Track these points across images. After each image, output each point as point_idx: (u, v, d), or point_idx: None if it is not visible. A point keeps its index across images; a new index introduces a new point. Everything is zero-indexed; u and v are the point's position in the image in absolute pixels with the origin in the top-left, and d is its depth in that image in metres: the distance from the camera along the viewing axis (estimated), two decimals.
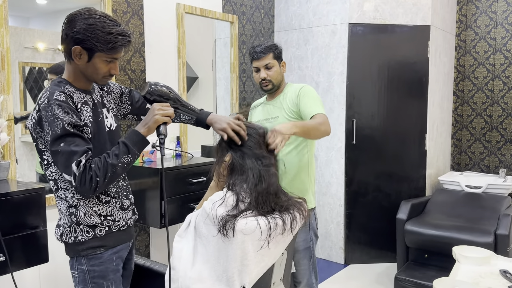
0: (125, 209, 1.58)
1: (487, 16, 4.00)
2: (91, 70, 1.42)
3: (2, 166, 2.10)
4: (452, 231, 2.84)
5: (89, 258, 1.47)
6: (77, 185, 1.33)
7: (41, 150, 1.43)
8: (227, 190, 1.59)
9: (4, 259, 1.78)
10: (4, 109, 2.16)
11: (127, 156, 1.38)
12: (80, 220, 1.46)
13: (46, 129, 1.34)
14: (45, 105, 1.35)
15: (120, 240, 1.55)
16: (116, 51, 1.40)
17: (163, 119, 1.43)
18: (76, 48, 1.37)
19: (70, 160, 1.31)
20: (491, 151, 4.04)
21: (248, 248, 1.51)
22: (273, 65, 2.07)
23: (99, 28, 1.36)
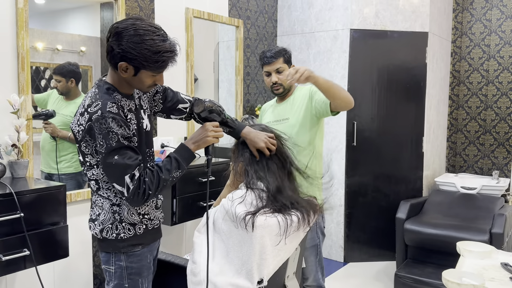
0: (158, 208, 1.66)
1: (481, 24, 4.15)
2: (136, 83, 1.45)
3: (21, 164, 2.17)
4: (450, 229, 2.97)
5: (128, 255, 1.53)
6: (130, 197, 1.39)
7: (85, 153, 1.47)
8: (246, 189, 1.68)
9: (29, 253, 1.85)
10: (24, 109, 2.22)
11: (177, 171, 1.47)
12: (123, 218, 1.51)
13: (100, 141, 1.38)
14: (98, 117, 1.37)
15: (154, 238, 1.63)
16: (164, 69, 1.42)
17: (214, 141, 1.54)
18: (122, 64, 1.39)
19: (124, 173, 1.37)
20: (484, 154, 4.19)
21: (267, 243, 1.60)
22: (284, 69, 2.14)
23: (147, 47, 1.34)
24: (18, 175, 2.17)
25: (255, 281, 1.57)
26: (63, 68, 2.45)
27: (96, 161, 1.47)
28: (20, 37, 2.20)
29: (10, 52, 2.19)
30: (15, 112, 2.12)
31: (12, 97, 2.11)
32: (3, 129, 2.16)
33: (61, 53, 2.42)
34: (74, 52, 2.49)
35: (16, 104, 2.12)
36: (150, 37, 1.36)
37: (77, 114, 1.46)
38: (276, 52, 2.14)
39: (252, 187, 1.67)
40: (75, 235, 2.41)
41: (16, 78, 2.22)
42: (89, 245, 2.57)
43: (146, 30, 1.37)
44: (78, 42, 2.51)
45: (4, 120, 2.16)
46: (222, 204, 1.68)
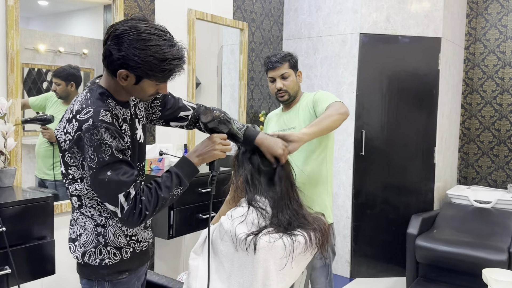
0: (147, 228, 1.50)
1: (496, 30, 3.98)
2: (136, 92, 1.29)
3: (8, 173, 2.03)
4: (464, 247, 2.79)
5: (113, 283, 1.36)
6: (124, 218, 1.22)
7: (68, 164, 1.30)
8: (248, 207, 1.52)
9: (11, 271, 1.70)
10: (12, 113, 2.08)
11: (177, 188, 1.31)
12: (109, 241, 1.34)
13: (90, 154, 1.20)
14: (89, 127, 1.19)
15: (141, 262, 1.45)
16: (170, 78, 1.25)
17: (221, 155, 1.39)
18: (122, 72, 1.21)
19: (118, 191, 1.20)
20: (498, 166, 4.01)
21: (270, 267, 1.45)
22: (289, 74, 2.01)
23: (152, 54, 1.18)
24: (4, 184, 2.02)
25: None
26: (63, 71, 2.37)
27: (81, 175, 1.30)
28: (9, 36, 2.06)
29: None
30: (2, 116, 1.98)
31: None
32: None
33: (63, 55, 2.37)
34: (77, 54, 2.44)
35: (4, 108, 1.97)
36: (155, 42, 1.18)
37: (63, 120, 1.28)
38: (281, 56, 2.00)
39: (254, 205, 1.51)
40: (65, 248, 2.25)
41: (4, 80, 2.08)
42: None
43: (151, 33, 1.19)
44: (80, 44, 2.46)
45: None
46: (221, 222, 1.54)
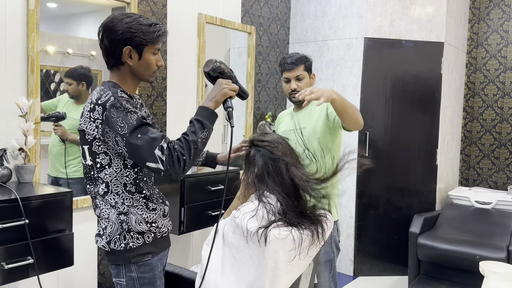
0: (166, 216, 1.61)
1: (498, 35, 4.07)
2: (143, 68, 1.46)
3: (28, 169, 2.12)
4: (465, 246, 2.87)
5: (139, 265, 1.47)
6: (167, 168, 1.33)
7: (96, 153, 1.43)
8: (258, 202, 1.61)
9: (32, 261, 1.79)
10: (32, 112, 2.18)
11: (202, 131, 1.40)
12: (131, 227, 1.46)
13: (119, 123, 1.34)
14: (112, 103, 1.36)
15: (163, 246, 1.56)
16: (161, 40, 1.46)
17: (231, 93, 1.48)
18: (126, 49, 1.42)
19: (152, 148, 1.32)
20: (499, 168, 4.08)
21: (280, 258, 1.53)
22: (304, 76, 2.08)
23: (139, 23, 1.42)
24: (25, 180, 2.12)
25: None
26: (74, 71, 2.44)
27: (109, 161, 1.43)
28: (30, 39, 2.16)
29: (19, 54, 2.15)
30: (23, 115, 2.08)
31: (20, 100, 2.06)
32: (10, 133, 2.11)
33: (72, 57, 2.42)
34: (85, 56, 2.48)
35: (25, 108, 2.07)
36: (136, 17, 1.44)
37: (85, 113, 1.43)
38: (297, 58, 2.08)
39: (264, 200, 1.60)
40: (80, 242, 2.36)
41: (25, 81, 2.17)
42: (94, 253, 2.51)
43: (129, 13, 1.45)
44: (88, 46, 2.50)
45: (12, 124, 2.12)
46: (232, 216, 1.62)
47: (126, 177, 1.46)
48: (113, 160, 1.43)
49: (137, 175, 1.48)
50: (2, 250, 1.72)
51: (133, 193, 1.48)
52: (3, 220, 1.72)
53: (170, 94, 2.91)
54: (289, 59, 2.07)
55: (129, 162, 1.45)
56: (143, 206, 1.49)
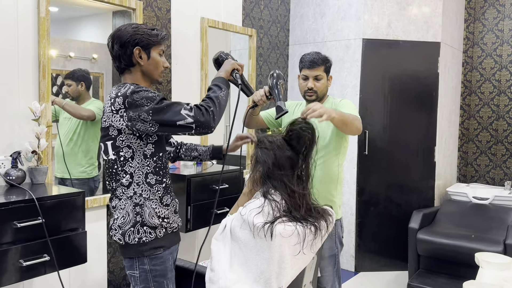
0: (176, 212, 1.70)
1: (493, 34, 4.15)
2: (152, 67, 1.60)
3: (41, 171, 2.20)
4: (463, 240, 2.96)
5: (151, 258, 1.56)
6: (197, 118, 1.45)
7: (120, 148, 1.53)
8: (264, 199, 1.69)
9: (49, 259, 1.88)
10: (44, 116, 2.26)
11: (221, 91, 1.56)
12: (145, 221, 1.55)
13: (145, 102, 1.46)
14: (133, 89, 1.49)
15: (173, 241, 1.65)
16: (164, 41, 1.63)
17: (237, 66, 1.69)
18: (136, 49, 1.56)
19: (179, 108, 1.46)
20: (496, 164, 4.17)
21: (285, 252, 1.61)
22: (322, 77, 2.11)
23: (143, 28, 1.58)
24: (38, 181, 2.20)
25: None
26: (73, 72, 2.50)
27: (132, 154, 1.53)
28: (41, 45, 2.25)
29: (31, 60, 2.23)
30: (36, 119, 2.16)
31: (33, 104, 2.15)
32: (23, 136, 2.20)
33: (74, 60, 2.46)
34: (86, 59, 2.52)
35: (37, 112, 2.16)
36: (140, 24, 1.63)
37: (106, 108, 1.54)
38: (320, 59, 2.10)
39: (269, 198, 1.68)
40: (90, 241, 2.44)
41: (37, 86, 2.26)
42: (104, 251, 2.59)
43: (132, 23, 1.63)
44: (90, 50, 2.54)
45: (25, 127, 2.20)
46: (239, 212, 1.70)
47: (147, 166, 1.56)
48: (136, 153, 1.54)
49: (156, 163, 1.59)
50: (20, 248, 1.80)
51: (152, 186, 1.58)
52: (20, 219, 1.80)
53: (175, 96, 2.99)
54: (312, 57, 2.08)
55: (148, 152, 1.56)
56: (157, 201, 1.59)
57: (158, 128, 1.48)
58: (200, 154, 1.96)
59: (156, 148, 1.59)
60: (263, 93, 1.96)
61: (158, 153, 1.60)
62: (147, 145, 1.56)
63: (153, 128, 1.48)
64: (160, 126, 1.48)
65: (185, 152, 1.96)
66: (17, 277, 1.81)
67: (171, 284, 1.62)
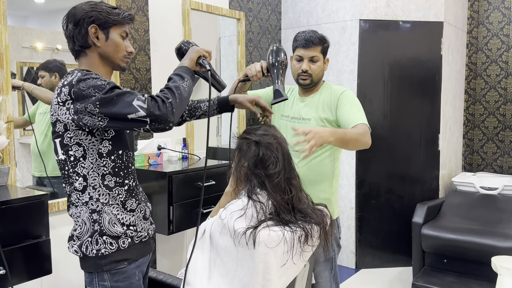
0: (147, 219, 1.47)
1: (499, 12, 3.89)
2: (112, 49, 1.38)
3: (1, 171, 1.98)
4: (471, 235, 2.73)
5: (112, 273, 1.35)
6: (151, 111, 1.21)
7: (68, 145, 1.32)
8: (248, 200, 1.47)
9: (4, 272, 1.66)
10: (3, 110, 2.03)
11: (183, 81, 1.33)
12: (104, 229, 1.34)
13: (92, 92, 1.23)
14: (79, 77, 1.27)
15: (141, 252, 1.43)
16: (127, 22, 1.41)
17: (204, 52, 1.45)
18: (92, 27, 1.35)
19: (130, 99, 1.22)
20: (504, 151, 3.93)
21: (271, 262, 1.39)
22: (319, 59, 1.88)
23: (103, 6, 1.38)
24: None
25: None
26: (47, 63, 2.36)
27: (83, 152, 1.31)
28: None
29: None
30: None
31: None
32: None
33: (61, 53, 2.35)
34: None
35: None
36: (98, 2, 1.41)
37: (54, 100, 1.33)
38: (317, 38, 1.86)
39: (254, 198, 1.46)
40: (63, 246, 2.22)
41: None
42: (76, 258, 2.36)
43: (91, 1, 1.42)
44: None
45: None
46: (219, 215, 1.49)
47: (104, 167, 1.34)
48: (88, 151, 1.32)
49: (115, 163, 1.36)
50: None
51: (112, 189, 1.36)
52: None
53: (155, 86, 2.75)
54: (308, 35, 1.85)
55: (104, 150, 1.34)
56: (119, 206, 1.37)
57: (107, 123, 1.25)
58: (205, 112, 1.66)
59: (113, 145, 1.36)
60: (259, 68, 1.69)
61: (117, 151, 1.37)
62: (101, 142, 1.33)
63: (101, 123, 1.25)
64: (110, 120, 1.24)
65: (189, 114, 1.67)
66: None
67: None
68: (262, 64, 1.71)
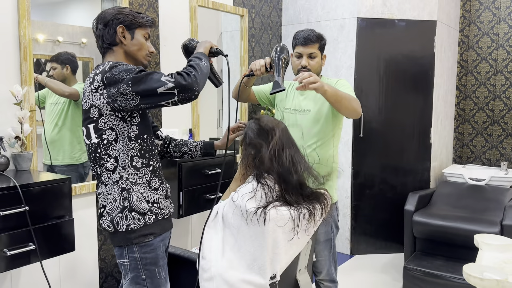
0: (168, 198, 1.63)
1: (490, 12, 4.07)
2: (136, 47, 1.57)
3: (25, 157, 2.13)
4: (459, 221, 2.93)
5: (140, 245, 1.50)
6: (178, 82, 1.38)
7: (102, 130, 1.47)
8: (257, 184, 1.63)
9: (34, 248, 1.81)
10: (27, 100, 2.17)
11: (201, 61, 1.50)
12: (133, 206, 1.49)
13: (124, 75, 1.40)
14: (111, 65, 1.44)
15: (164, 228, 1.59)
16: (150, 25, 1.60)
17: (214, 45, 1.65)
18: (120, 28, 1.53)
19: (158, 76, 1.40)
20: (492, 145, 4.13)
21: (279, 237, 1.56)
22: (317, 55, 2.03)
23: (129, 10, 1.57)
24: (22, 167, 2.12)
25: (268, 277, 1.54)
26: (59, 55, 2.43)
27: (115, 136, 1.48)
28: (22, 26, 2.14)
29: (12, 42, 2.13)
30: (18, 103, 2.07)
31: (15, 88, 2.06)
32: (6, 121, 2.11)
33: (62, 45, 2.39)
34: (75, 43, 2.46)
35: (19, 95, 2.07)
36: (125, 7, 1.62)
37: (86, 87, 1.49)
38: (315, 36, 2.02)
39: (262, 182, 1.62)
40: (79, 228, 2.38)
41: (18, 69, 2.16)
42: (94, 238, 2.53)
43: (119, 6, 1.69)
44: (79, 34, 2.48)
45: (7, 112, 2.11)
46: (231, 198, 1.64)
47: (132, 149, 1.50)
48: (119, 135, 1.48)
49: (141, 146, 1.53)
50: (4, 237, 1.74)
51: (139, 169, 1.51)
52: (3, 207, 1.74)
53: None
54: (306, 34, 2.00)
55: (132, 134, 1.50)
56: (145, 185, 1.52)
57: (139, 100, 1.41)
58: (190, 150, 1.89)
59: (140, 129, 1.52)
60: (263, 63, 1.86)
61: (143, 135, 1.53)
62: (131, 127, 1.50)
63: (134, 101, 1.42)
64: (142, 98, 1.41)
65: (174, 148, 1.89)
66: (2, 266, 1.75)
67: (163, 272, 1.57)
68: (266, 60, 1.88)
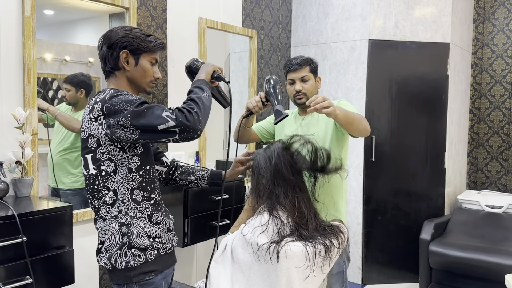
0: (171, 231, 1.53)
1: (504, 34, 3.99)
2: (139, 74, 1.46)
3: (26, 183, 2.04)
4: (478, 252, 2.79)
5: (141, 284, 1.40)
6: (180, 121, 1.28)
7: (101, 161, 1.38)
8: (269, 216, 1.53)
9: (31, 281, 1.71)
10: (29, 123, 2.10)
11: (203, 92, 1.40)
12: (133, 242, 1.39)
13: (123, 107, 1.31)
14: (111, 94, 1.34)
15: (167, 264, 1.49)
16: (158, 50, 1.48)
17: (218, 68, 1.55)
18: (123, 53, 1.43)
19: (160, 112, 1.30)
20: (508, 170, 4.00)
21: (293, 276, 1.45)
22: (309, 78, 2.01)
23: (137, 32, 1.46)
24: (22, 194, 2.03)
25: None
26: (74, 77, 2.39)
27: (114, 168, 1.38)
28: (26, 47, 2.08)
29: (15, 63, 2.07)
30: (20, 127, 2.00)
31: (17, 111, 1.98)
32: (7, 145, 2.03)
33: (69, 64, 2.38)
34: (82, 63, 2.44)
35: (21, 119, 1.99)
36: (136, 28, 1.49)
37: (85, 116, 1.40)
38: (302, 60, 2.02)
39: (275, 215, 1.52)
40: (81, 257, 2.27)
41: (21, 91, 2.09)
42: (95, 269, 2.42)
43: (128, 26, 1.51)
44: (86, 53, 2.46)
45: (8, 135, 2.03)
46: (241, 231, 1.54)
47: (133, 181, 1.41)
48: (119, 166, 1.39)
49: (143, 178, 1.43)
50: (0, 270, 1.64)
51: (139, 203, 1.42)
52: (0, 238, 1.64)
53: (171, 101, 2.82)
54: (294, 60, 2.01)
55: (133, 166, 1.40)
56: (146, 219, 1.43)
57: (139, 135, 1.32)
58: (197, 179, 1.78)
59: (142, 161, 1.43)
60: (259, 98, 1.83)
61: (145, 166, 1.44)
62: (132, 158, 1.40)
63: (133, 135, 1.32)
64: (141, 133, 1.31)
65: (180, 176, 1.79)
66: None
67: None
68: (261, 94, 1.84)
